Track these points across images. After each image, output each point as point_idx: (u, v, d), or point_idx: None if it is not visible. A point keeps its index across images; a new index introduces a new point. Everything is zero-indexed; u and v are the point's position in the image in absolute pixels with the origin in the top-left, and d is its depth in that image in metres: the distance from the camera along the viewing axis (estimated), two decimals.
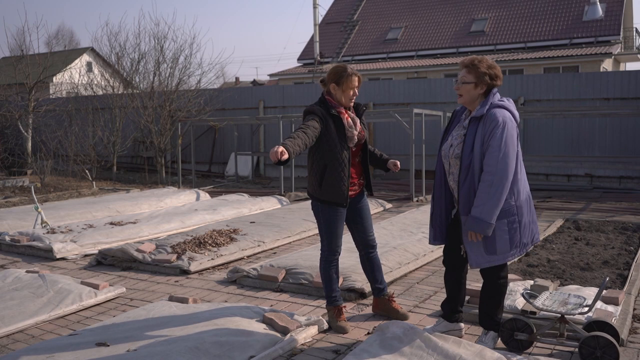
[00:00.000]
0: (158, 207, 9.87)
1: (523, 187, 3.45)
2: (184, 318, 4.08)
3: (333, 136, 3.82)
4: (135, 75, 16.51)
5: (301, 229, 7.58)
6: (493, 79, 3.44)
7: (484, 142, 3.33)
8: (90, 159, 14.42)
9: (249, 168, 15.64)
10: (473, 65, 3.44)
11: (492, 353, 3.36)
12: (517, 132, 3.41)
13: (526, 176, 3.53)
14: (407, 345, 3.49)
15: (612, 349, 3.29)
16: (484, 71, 3.42)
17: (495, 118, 3.32)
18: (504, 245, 3.40)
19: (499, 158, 3.27)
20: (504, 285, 3.61)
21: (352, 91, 3.87)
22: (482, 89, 3.45)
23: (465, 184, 3.40)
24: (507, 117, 3.36)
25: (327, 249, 4.06)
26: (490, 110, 3.37)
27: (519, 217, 3.41)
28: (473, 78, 3.43)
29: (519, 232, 3.42)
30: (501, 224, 3.36)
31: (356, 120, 3.95)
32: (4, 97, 16.90)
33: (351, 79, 3.83)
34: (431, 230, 3.74)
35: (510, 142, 3.30)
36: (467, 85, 3.45)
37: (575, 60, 20.97)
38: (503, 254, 3.43)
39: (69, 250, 6.59)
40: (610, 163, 11.96)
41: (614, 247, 6.34)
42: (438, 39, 25.80)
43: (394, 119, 11.15)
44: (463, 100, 3.51)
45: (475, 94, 3.45)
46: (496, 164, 3.27)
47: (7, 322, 4.23)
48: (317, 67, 25.56)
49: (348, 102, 3.90)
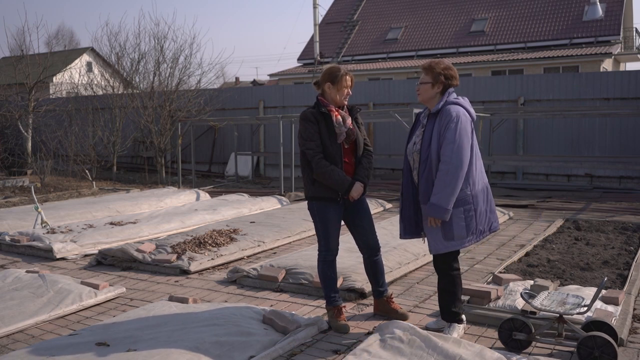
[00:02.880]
0: (158, 207, 9.87)
1: (479, 178, 3.71)
2: (184, 318, 4.08)
3: (323, 133, 3.98)
4: (135, 75, 16.51)
5: (301, 229, 7.59)
6: (448, 79, 3.75)
7: (440, 135, 3.61)
8: (90, 159, 14.42)
9: (249, 168, 15.65)
10: (430, 67, 3.77)
11: (492, 353, 3.36)
12: (471, 126, 3.70)
13: (483, 168, 3.79)
14: (407, 345, 3.49)
15: (610, 348, 3.29)
16: (440, 72, 3.74)
17: (449, 113, 3.63)
18: (461, 231, 3.67)
19: (453, 149, 3.56)
20: (457, 277, 3.85)
21: (347, 90, 4.03)
22: (439, 89, 3.76)
23: (424, 175, 3.70)
24: (461, 112, 3.67)
25: (323, 248, 4.09)
26: (445, 107, 3.68)
27: (475, 206, 3.68)
28: (430, 78, 3.76)
29: (475, 220, 3.70)
30: (458, 211, 3.64)
31: (346, 117, 4.05)
32: (4, 97, 16.90)
33: (345, 78, 4.02)
34: (401, 224, 3.98)
35: (464, 134, 3.60)
36: (425, 85, 3.78)
37: (575, 60, 20.97)
38: (460, 239, 3.70)
39: (69, 250, 6.60)
40: (610, 163, 11.95)
41: (614, 247, 6.34)
42: (438, 39, 25.80)
43: (394, 119, 11.15)
44: (421, 98, 3.81)
45: (433, 93, 3.76)
46: (451, 154, 3.56)
47: (7, 322, 4.23)
48: (317, 67, 25.55)
49: (342, 100, 4.05)
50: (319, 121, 3.99)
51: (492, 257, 6.24)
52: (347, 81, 4.02)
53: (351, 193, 3.96)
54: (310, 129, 3.99)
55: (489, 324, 4.08)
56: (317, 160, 3.96)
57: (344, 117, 4.04)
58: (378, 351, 3.46)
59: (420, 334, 3.57)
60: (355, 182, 3.98)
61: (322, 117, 3.99)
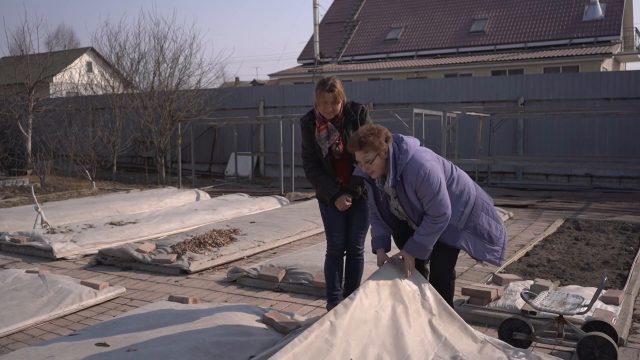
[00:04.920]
0: (158, 207, 9.87)
1: (469, 194, 3.50)
2: (184, 318, 4.08)
3: (315, 143, 3.98)
4: (135, 75, 16.51)
5: (301, 229, 7.59)
6: (387, 138, 3.39)
7: (417, 193, 3.36)
8: (90, 159, 14.42)
9: (249, 168, 15.65)
10: (367, 142, 3.33)
11: (492, 350, 3.34)
12: (434, 156, 3.46)
13: (471, 181, 3.59)
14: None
15: (609, 348, 3.29)
16: (379, 139, 3.35)
17: (414, 171, 3.32)
18: (495, 231, 3.54)
19: (437, 202, 3.33)
20: (453, 287, 3.67)
21: (324, 105, 3.82)
22: (386, 153, 3.38)
23: (420, 217, 3.46)
24: (422, 158, 3.36)
25: (328, 244, 4.16)
26: (406, 167, 3.34)
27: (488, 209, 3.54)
28: (374, 153, 3.36)
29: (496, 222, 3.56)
30: (480, 215, 3.51)
31: (333, 132, 3.90)
32: (4, 97, 16.91)
33: (322, 95, 3.79)
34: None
35: (437, 180, 3.33)
36: (374, 161, 3.37)
37: (575, 60, 20.97)
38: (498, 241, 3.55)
39: (69, 250, 6.60)
40: (610, 163, 11.96)
41: (614, 247, 6.34)
42: (438, 39, 25.79)
43: (394, 119, 11.15)
44: (377, 174, 3.45)
45: (384, 162, 3.40)
46: (437, 208, 3.34)
47: (7, 322, 4.23)
48: (317, 67, 25.56)
49: (324, 114, 3.88)
50: (312, 130, 3.97)
51: None
52: (325, 97, 3.77)
53: (335, 204, 3.89)
54: (304, 136, 4.03)
55: (489, 324, 4.08)
56: (308, 169, 4.03)
57: (330, 132, 3.90)
58: None
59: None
60: (340, 195, 3.88)
61: (313, 127, 3.97)
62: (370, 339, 3.07)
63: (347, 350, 2.94)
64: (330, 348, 2.90)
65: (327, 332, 2.96)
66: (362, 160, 3.39)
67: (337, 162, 3.97)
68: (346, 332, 3.01)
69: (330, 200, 3.93)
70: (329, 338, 2.94)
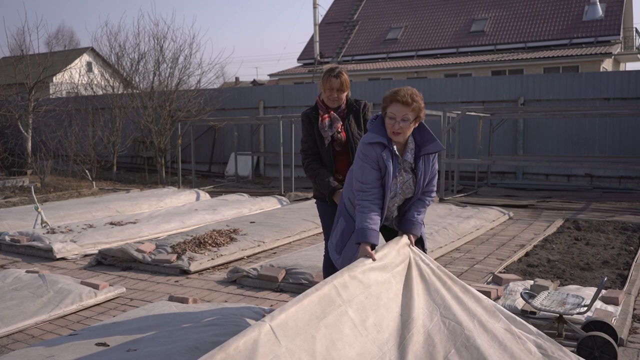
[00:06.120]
0: (158, 207, 9.87)
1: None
2: (184, 318, 4.08)
3: (316, 135, 3.95)
4: (135, 75, 16.50)
5: (301, 229, 7.59)
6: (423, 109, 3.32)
7: (428, 170, 3.36)
8: (90, 159, 14.42)
9: (249, 168, 15.65)
10: (413, 100, 3.22)
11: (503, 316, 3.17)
12: None
13: None
14: None
15: (609, 348, 3.29)
16: (422, 107, 3.28)
17: (437, 146, 3.32)
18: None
19: (435, 180, 3.44)
20: None
21: (330, 92, 3.85)
22: (416, 124, 3.31)
23: (401, 206, 3.44)
24: None
25: (326, 244, 4.11)
26: (437, 141, 3.33)
27: None
28: (413, 115, 3.24)
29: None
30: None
31: (336, 120, 3.92)
32: (4, 97, 16.90)
33: (328, 80, 3.84)
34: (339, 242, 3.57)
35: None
36: (408, 122, 3.23)
37: (575, 60, 20.97)
38: None
39: (69, 250, 6.60)
40: (610, 163, 11.95)
41: (614, 247, 6.34)
42: (438, 39, 25.79)
43: None
44: (402, 139, 3.29)
45: (411, 130, 3.30)
46: (434, 186, 3.43)
47: (7, 322, 4.23)
48: (317, 67, 25.55)
49: (328, 102, 3.92)
50: (313, 123, 3.95)
51: (492, 257, 6.24)
52: (332, 83, 3.81)
53: (334, 198, 3.87)
54: (305, 130, 4.00)
55: None
56: (307, 163, 3.99)
57: (333, 120, 3.92)
58: None
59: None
60: (339, 188, 3.85)
61: (315, 119, 3.96)
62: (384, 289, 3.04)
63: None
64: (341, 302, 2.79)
65: (340, 286, 2.86)
66: (401, 117, 3.21)
67: (337, 155, 3.95)
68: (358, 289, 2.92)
69: (328, 194, 3.89)
70: (342, 292, 2.82)
